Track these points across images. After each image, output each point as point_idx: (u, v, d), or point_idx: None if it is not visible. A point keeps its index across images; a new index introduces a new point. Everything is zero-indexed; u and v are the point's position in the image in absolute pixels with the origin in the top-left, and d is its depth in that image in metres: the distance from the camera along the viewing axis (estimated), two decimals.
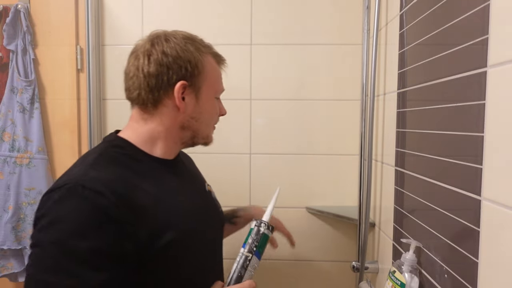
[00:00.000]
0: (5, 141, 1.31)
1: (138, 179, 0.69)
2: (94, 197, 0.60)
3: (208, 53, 0.78)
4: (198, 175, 0.94)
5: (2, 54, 1.32)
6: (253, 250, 0.73)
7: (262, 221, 0.76)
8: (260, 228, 0.75)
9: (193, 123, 0.76)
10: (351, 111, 1.35)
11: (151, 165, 0.74)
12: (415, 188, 0.89)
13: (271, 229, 0.76)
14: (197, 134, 0.79)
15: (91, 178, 0.63)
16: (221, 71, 0.83)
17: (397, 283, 0.81)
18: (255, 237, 0.74)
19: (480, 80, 0.61)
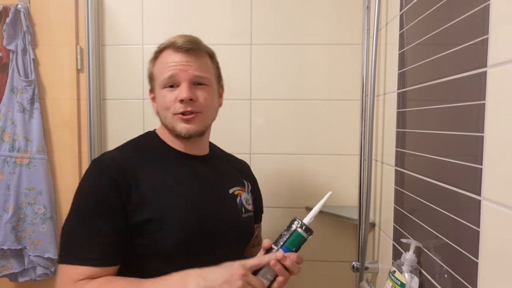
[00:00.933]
0: (5, 141, 1.31)
1: (148, 162, 0.83)
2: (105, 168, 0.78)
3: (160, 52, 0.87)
4: (228, 178, 0.94)
5: (2, 54, 1.32)
6: (280, 244, 0.73)
7: (296, 219, 0.74)
8: (292, 225, 0.74)
9: (160, 117, 0.87)
10: (351, 111, 1.35)
11: (167, 154, 0.87)
12: (415, 188, 0.89)
13: (305, 228, 0.73)
14: (167, 126, 0.86)
15: (110, 155, 0.83)
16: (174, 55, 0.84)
17: (397, 283, 0.81)
18: (285, 232, 0.74)
19: (480, 80, 0.61)
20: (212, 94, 0.87)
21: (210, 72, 0.88)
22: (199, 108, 0.84)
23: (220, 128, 1.37)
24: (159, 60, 0.86)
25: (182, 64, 0.83)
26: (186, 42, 0.83)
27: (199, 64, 0.85)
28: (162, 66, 0.85)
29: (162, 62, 0.85)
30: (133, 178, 0.79)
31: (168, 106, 0.83)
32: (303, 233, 0.73)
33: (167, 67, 0.83)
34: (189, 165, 0.88)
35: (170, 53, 0.84)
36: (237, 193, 0.92)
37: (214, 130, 1.45)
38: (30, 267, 1.33)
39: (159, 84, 0.85)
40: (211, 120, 0.90)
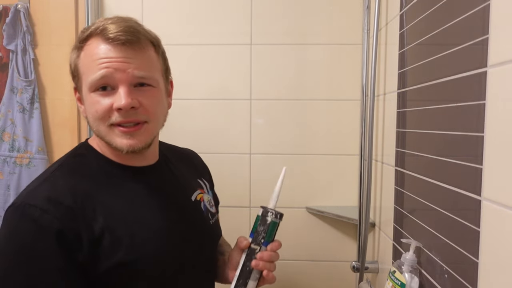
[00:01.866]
0: (5, 141, 1.31)
1: (96, 191, 0.65)
2: (38, 214, 0.58)
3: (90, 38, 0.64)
4: (188, 181, 0.82)
5: (2, 54, 1.32)
6: (261, 242, 0.69)
7: (268, 210, 0.69)
8: (267, 218, 0.69)
9: (92, 128, 0.67)
10: (351, 111, 1.35)
11: (112, 172, 0.69)
12: (415, 188, 0.89)
13: (280, 216, 0.70)
14: (103, 139, 0.67)
15: (38, 194, 0.61)
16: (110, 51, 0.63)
17: (397, 283, 0.81)
18: (262, 228, 0.69)
19: (480, 80, 0.61)
20: (159, 96, 0.68)
21: (155, 69, 0.68)
22: (144, 117, 0.65)
23: (220, 128, 1.38)
24: (85, 51, 0.64)
25: (118, 61, 0.62)
26: (122, 32, 0.62)
27: (141, 61, 0.64)
28: (89, 62, 0.63)
29: (89, 55, 0.63)
30: (82, 218, 0.60)
31: (101, 116, 0.63)
32: (278, 220, 0.70)
33: (97, 64, 0.62)
34: (141, 181, 0.70)
35: (100, 44, 0.63)
36: (199, 198, 0.80)
37: (214, 130, 1.45)
38: None
39: (88, 86, 0.64)
40: (159, 128, 0.71)
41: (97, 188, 0.65)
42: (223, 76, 1.36)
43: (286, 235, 1.37)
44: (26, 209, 0.59)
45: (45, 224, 0.58)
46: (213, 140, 1.38)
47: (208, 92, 1.35)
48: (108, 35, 0.62)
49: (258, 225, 0.70)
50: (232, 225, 1.24)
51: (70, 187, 0.63)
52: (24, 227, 0.59)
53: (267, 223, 0.69)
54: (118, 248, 0.62)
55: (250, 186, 1.37)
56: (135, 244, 0.64)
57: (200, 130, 1.36)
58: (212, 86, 1.36)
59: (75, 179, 0.65)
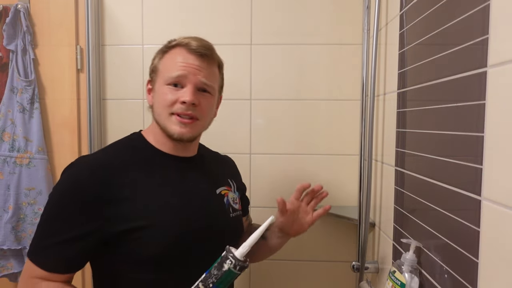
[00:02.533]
0: (5, 141, 1.31)
1: (133, 165, 0.80)
2: (80, 175, 0.76)
3: (171, 48, 0.85)
4: (214, 178, 0.93)
5: (2, 54, 1.32)
6: (209, 285, 0.63)
7: (229, 256, 0.64)
8: (224, 265, 0.63)
9: (155, 115, 0.84)
10: (351, 111, 1.35)
11: (153, 156, 0.84)
12: (415, 188, 0.89)
13: (240, 268, 0.63)
14: (160, 126, 0.83)
15: (90, 159, 0.81)
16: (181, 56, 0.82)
17: (397, 283, 0.81)
18: (216, 273, 0.63)
19: (480, 80, 0.61)
20: (212, 103, 0.87)
21: (216, 82, 0.87)
22: (198, 114, 0.82)
23: (220, 128, 1.38)
24: (168, 55, 0.84)
25: (193, 67, 0.81)
26: (202, 47, 0.82)
27: (209, 72, 0.83)
28: (171, 63, 0.82)
29: (172, 58, 0.83)
30: (114, 184, 0.76)
31: (167, 104, 0.80)
32: (237, 272, 0.64)
33: (176, 66, 0.81)
34: (174, 167, 0.85)
35: (183, 52, 0.82)
36: (224, 193, 0.91)
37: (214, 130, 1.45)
38: None
39: (163, 80, 0.82)
40: (205, 128, 0.89)
41: (135, 165, 0.81)
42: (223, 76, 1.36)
43: None
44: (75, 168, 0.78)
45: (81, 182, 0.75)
46: (213, 140, 1.38)
47: None
48: (191, 46, 0.82)
49: (213, 267, 0.65)
50: None
51: (113, 158, 0.81)
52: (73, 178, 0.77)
53: (223, 269, 0.63)
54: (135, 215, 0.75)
55: (250, 186, 1.37)
56: (151, 214, 0.76)
57: None
58: None
59: (120, 153, 0.83)
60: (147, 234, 0.75)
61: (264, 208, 1.11)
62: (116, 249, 0.76)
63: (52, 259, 0.75)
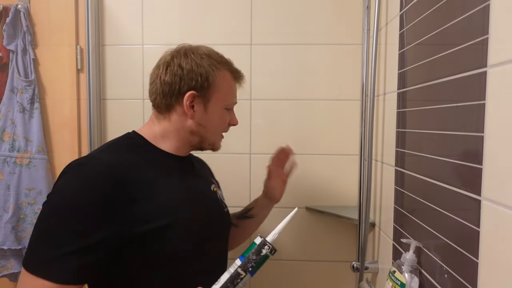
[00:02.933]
0: (5, 141, 1.31)
1: (141, 163, 0.79)
2: (95, 175, 0.71)
3: (225, 68, 0.87)
4: (206, 177, 0.99)
5: (2, 54, 1.32)
6: (248, 270, 0.70)
7: (266, 242, 0.72)
8: (263, 250, 0.72)
9: (201, 129, 0.85)
10: (351, 111, 1.35)
11: (155, 155, 0.84)
12: (415, 188, 0.89)
13: (274, 252, 0.73)
14: (204, 140, 0.87)
15: (97, 159, 0.76)
16: (237, 85, 0.91)
17: (397, 283, 0.81)
18: (255, 258, 0.71)
19: (480, 80, 0.61)
20: None
21: None
22: None
23: None
24: (224, 75, 0.87)
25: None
26: (240, 74, 0.92)
27: None
28: (231, 89, 0.89)
29: (231, 85, 0.89)
30: (129, 184, 0.73)
31: (223, 126, 0.90)
32: (270, 255, 0.73)
33: (234, 93, 0.90)
34: (177, 166, 0.86)
35: (232, 78, 0.89)
36: (215, 190, 0.96)
37: None
38: None
39: (224, 103, 0.87)
40: None
41: (142, 162, 0.79)
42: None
43: (286, 235, 1.38)
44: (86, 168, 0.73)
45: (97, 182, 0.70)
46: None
47: None
48: (240, 79, 0.91)
49: (251, 253, 0.71)
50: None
51: (121, 157, 0.78)
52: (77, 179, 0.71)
53: (261, 254, 0.71)
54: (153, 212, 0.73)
55: (250, 186, 1.38)
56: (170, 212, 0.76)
57: None
58: None
59: (126, 152, 0.80)
60: (170, 233, 0.74)
61: None
62: (136, 250, 0.73)
63: (74, 269, 0.66)
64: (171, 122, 0.85)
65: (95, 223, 0.68)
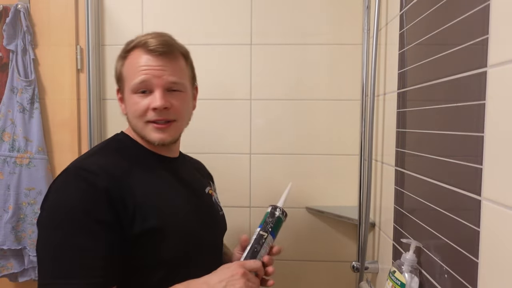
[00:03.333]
0: (5, 141, 1.31)
1: (133, 166, 0.77)
2: (91, 177, 0.69)
3: (132, 51, 0.79)
4: (199, 178, 0.96)
5: (2, 54, 1.32)
6: (269, 230, 0.79)
7: (277, 206, 0.81)
8: (275, 212, 0.80)
9: (130, 123, 0.82)
10: (351, 111, 1.35)
11: (146, 157, 0.81)
12: (415, 188, 0.89)
13: (285, 215, 0.82)
14: (139, 134, 0.81)
15: (89, 162, 0.73)
16: (146, 55, 0.77)
17: (397, 283, 0.81)
18: (270, 219, 0.80)
19: (480, 80, 0.61)
20: (187, 100, 0.83)
21: (185, 77, 0.82)
22: (174, 116, 0.79)
23: (220, 128, 1.38)
24: (129, 60, 0.79)
25: (156, 69, 0.76)
26: (160, 45, 0.76)
27: (174, 69, 0.78)
28: (132, 69, 0.77)
29: (133, 63, 0.78)
30: (125, 186, 0.71)
31: (140, 114, 0.77)
32: (283, 217, 0.82)
33: (138, 71, 0.76)
34: (170, 168, 0.84)
35: (141, 54, 0.77)
36: (211, 193, 0.93)
37: (214, 130, 1.46)
38: (30, 267, 1.33)
39: (130, 88, 0.77)
40: (185, 126, 0.86)
41: (135, 166, 0.77)
42: (223, 76, 1.36)
43: (286, 235, 1.37)
44: (80, 172, 0.70)
45: (97, 184, 0.68)
46: (213, 140, 1.38)
47: (208, 92, 1.35)
48: (149, 47, 0.76)
49: (267, 217, 0.80)
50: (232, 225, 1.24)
51: (115, 161, 0.75)
52: (78, 186, 0.68)
53: (275, 216, 0.80)
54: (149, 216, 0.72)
55: (250, 186, 1.38)
56: (165, 215, 0.74)
57: (200, 130, 1.36)
58: (212, 86, 1.36)
59: (117, 157, 0.77)
60: (163, 236, 0.73)
61: (264, 208, 1.11)
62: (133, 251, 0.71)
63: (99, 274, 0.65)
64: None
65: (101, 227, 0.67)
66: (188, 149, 1.02)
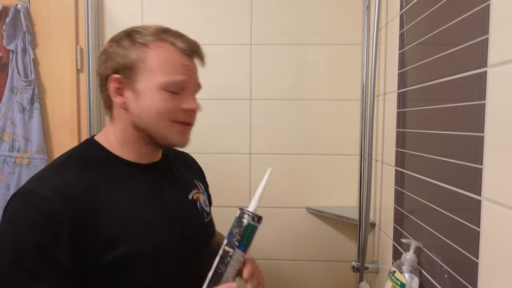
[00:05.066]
0: (5, 141, 1.31)
1: (100, 183, 0.67)
2: (41, 203, 0.61)
3: (159, 41, 0.70)
4: (186, 180, 0.85)
5: (2, 54, 1.32)
6: (235, 244, 0.66)
7: (245, 211, 0.68)
8: (243, 220, 0.67)
9: (140, 121, 0.70)
10: (351, 111, 1.35)
11: (117, 168, 0.72)
12: (415, 188, 0.89)
13: (258, 219, 0.67)
14: (151, 134, 0.71)
15: (42, 183, 0.64)
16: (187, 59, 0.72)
17: (397, 283, 0.81)
18: (237, 231, 0.66)
19: (480, 80, 0.61)
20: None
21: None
22: (194, 120, 0.75)
23: (220, 128, 1.38)
24: (156, 51, 0.69)
25: (191, 70, 0.72)
26: (193, 46, 0.73)
27: (197, 73, 0.76)
28: (167, 63, 0.69)
29: (167, 58, 0.69)
30: (86, 210, 0.63)
31: (167, 112, 0.69)
32: (256, 224, 0.67)
33: (177, 69, 0.70)
34: (145, 177, 0.74)
35: (175, 52, 0.70)
36: (196, 197, 0.83)
37: (214, 130, 1.45)
38: None
39: (161, 83, 0.68)
40: None
41: (102, 181, 0.68)
42: (223, 76, 1.36)
43: (286, 235, 1.37)
44: (31, 196, 0.62)
45: (48, 212, 0.60)
46: (213, 140, 1.38)
47: (208, 92, 1.35)
48: (183, 47, 0.71)
49: (233, 227, 0.67)
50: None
51: (76, 178, 0.66)
52: (27, 212, 0.61)
53: (243, 225, 0.66)
54: (120, 240, 0.64)
55: (250, 186, 1.38)
56: (135, 237, 0.66)
57: (200, 130, 1.36)
58: (212, 86, 1.36)
59: (81, 171, 0.68)
60: (135, 262, 0.66)
61: (264, 208, 1.10)
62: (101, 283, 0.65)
63: None
64: (115, 120, 0.72)
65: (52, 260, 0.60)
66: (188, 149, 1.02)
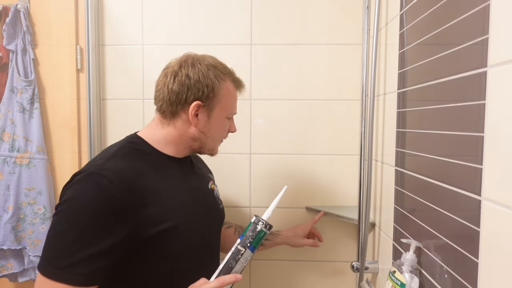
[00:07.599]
0: (4, 141, 1.31)
1: (146, 169, 0.83)
2: (107, 184, 0.74)
3: (228, 79, 0.91)
4: (204, 173, 1.04)
5: (2, 54, 1.32)
6: (247, 245, 0.78)
7: (260, 219, 0.80)
8: (257, 225, 0.79)
9: (202, 136, 0.90)
10: (351, 111, 1.35)
11: (159, 159, 0.88)
12: (415, 188, 0.89)
13: (269, 227, 0.80)
14: (204, 146, 0.92)
15: (107, 168, 0.77)
16: (238, 93, 0.95)
17: (397, 283, 0.81)
18: (251, 234, 0.79)
19: (480, 80, 0.61)
20: None
21: None
22: None
23: None
24: (226, 86, 0.90)
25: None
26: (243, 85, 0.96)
27: None
28: (233, 98, 0.93)
29: (233, 94, 0.93)
30: (138, 191, 0.78)
31: (224, 134, 0.95)
32: (266, 230, 0.80)
33: (235, 103, 0.95)
34: (179, 169, 0.92)
35: (234, 88, 0.93)
36: (212, 187, 1.02)
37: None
38: (30, 267, 1.33)
39: (226, 112, 0.92)
40: None
41: (148, 170, 0.84)
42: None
43: None
44: (97, 177, 0.75)
45: (111, 191, 0.74)
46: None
47: None
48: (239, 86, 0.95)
49: (248, 230, 0.80)
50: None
51: (129, 165, 0.81)
52: (94, 190, 0.75)
53: (257, 230, 0.79)
54: (164, 217, 0.80)
55: (250, 186, 1.38)
56: (175, 215, 0.82)
57: None
58: None
59: (132, 160, 0.83)
60: (174, 234, 0.81)
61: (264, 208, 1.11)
62: (142, 251, 0.79)
63: (90, 272, 0.72)
64: (175, 128, 0.89)
65: (107, 230, 0.73)
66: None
